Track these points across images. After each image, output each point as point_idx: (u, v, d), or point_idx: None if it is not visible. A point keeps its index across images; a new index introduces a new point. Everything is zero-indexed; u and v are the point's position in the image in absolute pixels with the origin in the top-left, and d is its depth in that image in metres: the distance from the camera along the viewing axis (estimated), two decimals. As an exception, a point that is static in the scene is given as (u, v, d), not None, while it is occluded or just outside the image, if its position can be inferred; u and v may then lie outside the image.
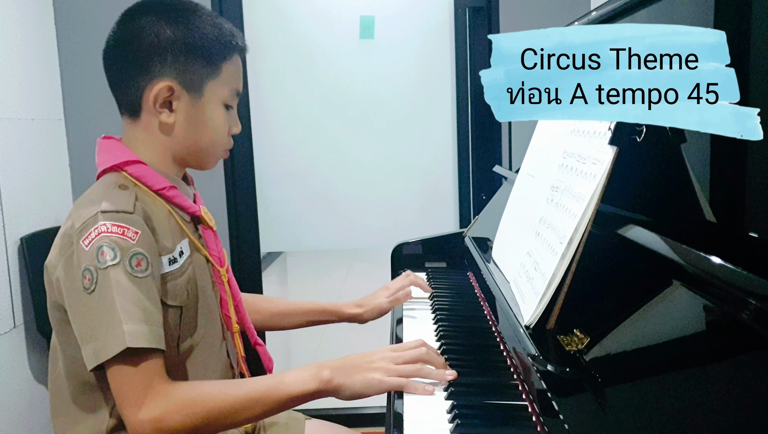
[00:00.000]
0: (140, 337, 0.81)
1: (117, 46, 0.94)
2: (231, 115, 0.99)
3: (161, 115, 0.93)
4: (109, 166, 0.93)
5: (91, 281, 0.82)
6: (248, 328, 1.10)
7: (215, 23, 0.95)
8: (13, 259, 1.82)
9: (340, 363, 0.89)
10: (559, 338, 0.79)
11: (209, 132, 0.96)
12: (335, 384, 0.87)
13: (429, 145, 2.38)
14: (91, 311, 0.82)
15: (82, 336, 0.83)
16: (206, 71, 0.94)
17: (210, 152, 0.99)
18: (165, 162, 0.97)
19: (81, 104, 2.17)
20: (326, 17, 2.32)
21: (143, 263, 0.84)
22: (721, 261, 0.57)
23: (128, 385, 0.81)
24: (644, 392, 0.63)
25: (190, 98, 0.94)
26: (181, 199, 0.97)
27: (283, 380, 0.87)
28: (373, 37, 2.32)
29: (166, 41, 0.91)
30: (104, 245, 0.82)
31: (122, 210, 0.86)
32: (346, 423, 1.33)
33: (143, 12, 0.93)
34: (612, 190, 0.81)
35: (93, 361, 0.81)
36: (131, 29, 0.93)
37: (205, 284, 0.99)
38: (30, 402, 1.88)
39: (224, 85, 0.96)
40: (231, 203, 2.30)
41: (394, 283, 1.31)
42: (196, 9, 0.95)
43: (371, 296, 1.29)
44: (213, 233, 1.03)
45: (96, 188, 0.91)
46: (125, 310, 0.81)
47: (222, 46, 0.94)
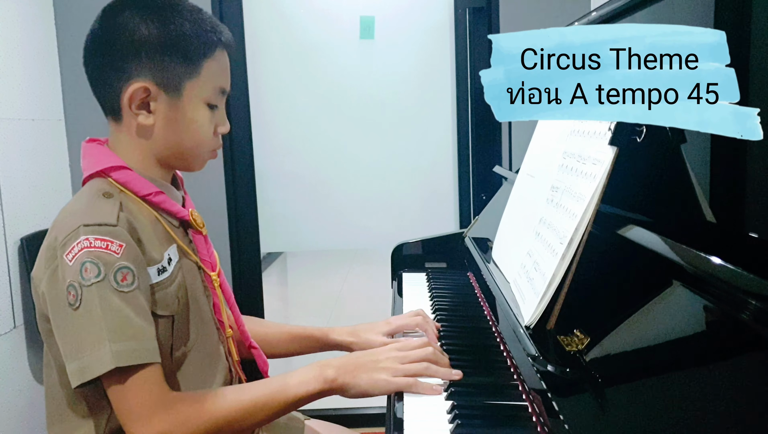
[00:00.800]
0: (129, 355, 0.79)
1: (94, 44, 0.90)
2: (217, 114, 0.95)
3: (139, 117, 0.89)
4: (95, 171, 0.90)
5: (76, 297, 0.79)
6: (243, 332, 1.08)
7: (195, 19, 0.90)
8: (13, 259, 1.82)
9: (344, 361, 0.88)
10: (560, 338, 0.79)
11: (192, 133, 0.92)
12: (340, 383, 0.86)
13: (429, 145, 2.38)
14: (76, 329, 0.80)
15: (67, 353, 0.81)
16: (184, 70, 0.89)
17: (195, 154, 0.95)
18: (149, 165, 0.93)
19: (81, 104, 2.16)
20: (326, 17, 2.32)
21: (129, 276, 0.82)
22: (721, 261, 0.57)
23: (129, 401, 0.80)
24: (644, 392, 0.63)
25: (169, 99, 0.90)
26: (169, 204, 0.94)
27: (288, 382, 0.86)
28: (373, 38, 2.32)
29: (141, 40, 0.87)
30: (87, 261, 0.80)
31: (105, 223, 0.82)
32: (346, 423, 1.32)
33: (122, 8, 0.89)
34: (612, 190, 0.81)
35: (78, 379, 0.79)
36: (107, 26, 0.89)
37: (196, 290, 0.97)
38: (30, 402, 1.88)
39: (206, 84, 0.91)
40: (231, 203, 2.29)
41: (396, 319, 1.14)
42: (176, 4, 0.90)
43: (367, 328, 1.14)
44: (203, 238, 1.00)
45: (80, 198, 0.89)
46: (111, 328, 0.79)
47: (201, 43, 0.90)
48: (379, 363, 0.88)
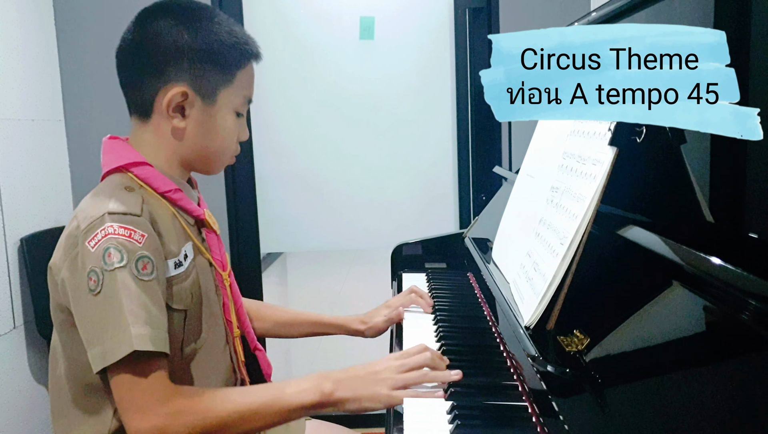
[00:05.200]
0: (146, 340, 0.80)
1: (133, 46, 0.93)
2: (240, 122, 0.99)
3: (173, 120, 0.93)
4: (115, 166, 0.92)
5: (97, 283, 0.81)
6: (248, 333, 1.09)
7: (231, 30, 0.94)
8: (13, 259, 1.82)
9: (343, 375, 0.88)
10: (559, 338, 0.79)
11: (220, 139, 0.96)
12: (337, 397, 0.86)
13: (429, 145, 2.38)
14: (98, 314, 0.81)
15: (89, 339, 0.82)
16: (220, 78, 0.93)
17: (218, 158, 0.99)
18: (171, 165, 0.96)
19: (81, 105, 2.16)
20: (326, 18, 2.32)
21: (149, 266, 0.84)
22: (721, 262, 0.57)
23: (131, 392, 0.81)
24: (644, 392, 0.63)
25: (203, 105, 0.93)
26: (186, 202, 0.97)
27: (284, 390, 0.86)
28: (373, 38, 2.32)
29: (184, 46, 0.90)
30: (111, 247, 0.82)
31: (130, 212, 0.85)
32: (347, 423, 1.32)
33: (161, 14, 0.92)
34: (612, 190, 0.81)
35: (100, 364, 0.81)
36: (148, 31, 0.92)
37: (208, 288, 0.98)
38: (30, 403, 1.88)
39: (237, 93, 0.96)
40: (231, 203, 2.30)
41: (394, 300, 1.28)
42: (213, 15, 0.94)
43: (373, 313, 1.26)
44: (216, 237, 1.03)
45: (102, 189, 0.90)
46: (132, 313, 0.80)
47: (237, 53, 0.94)
48: (378, 374, 0.87)
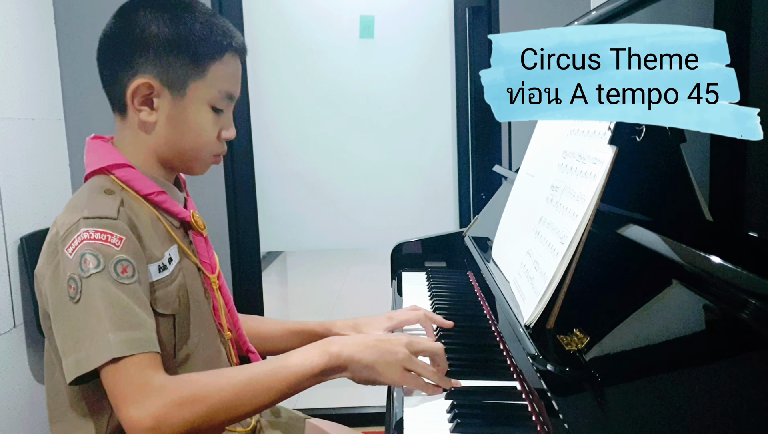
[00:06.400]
0: (130, 344, 0.78)
1: (106, 39, 0.92)
2: (222, 118, 0.95)
3: (141, 113, 0.90)
4: (97, 168, 0.91)
5: (76, 290, 0.79)
6: (241, 335, 1.08)
7: (207, 21, 0.91)
8: (13, 259, 1.82)
9: (350, 340, 0.87)
10: (559, 337, 0.79)
11: (193, 134, 0.92)
12: (345, 356, 0.84)
13: (429, 145, 2.38)
14: (76, 322, 0.79)
15: (65, 348, 0.80)
16: (191, 70, 0.90)
17: (195, 156, 0.95)
18: (152, 164, 0.94)
19: (81, 104, 2.16)
20: (326, 17, 2.32)
21: (129, 269, 0.81)
22: (721, 261, 0.57)
23: (122, 384, 0.78)
24: (644, 391, 0.63)
25: (172, 97, 0.90)
26: (171, 204, 0.94)
27: (289, 360, 0.84)
28: (373, 37, 2.32)
29: (150, 36, 0.88)
30: (87, 253, 0.79)
31: (106, 216, 0.83)
32: (347, 422, 1.32)
33: (137, 6, 0.91)
34: (612, 190, 0.81)
35: (74, 372, 0.78)
36: (121, 23, 0.91)
37: (196, 291, 0.96)
38: (30, 402, 1.88)
39: (211, 87, 0.92)
40: (231, 202, 2.30)
41: (399, 315, 1.16)
42: (190, 5, 0.92)
43: (368, 322, 1.16)
44: (204, 239, 1.00)
45: (80, 193, 0.89)
46: (112, 318, 0.78)
47: (210, 45, 0.90)
48: (391, 344, 0.86)
